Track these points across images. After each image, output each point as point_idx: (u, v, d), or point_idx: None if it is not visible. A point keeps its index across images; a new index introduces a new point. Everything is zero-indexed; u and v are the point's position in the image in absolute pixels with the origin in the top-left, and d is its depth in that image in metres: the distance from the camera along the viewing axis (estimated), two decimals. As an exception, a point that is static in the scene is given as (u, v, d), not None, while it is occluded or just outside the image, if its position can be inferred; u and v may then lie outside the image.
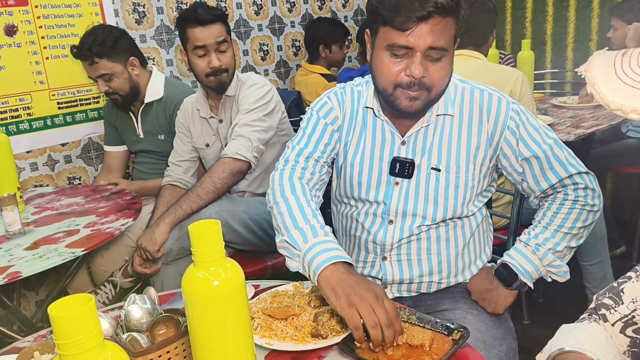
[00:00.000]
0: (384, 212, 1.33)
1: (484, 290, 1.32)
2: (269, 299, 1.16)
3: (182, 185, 2.18)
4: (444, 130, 1.30)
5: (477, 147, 1.29)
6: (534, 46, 3.48)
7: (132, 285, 2.06)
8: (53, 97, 2.47)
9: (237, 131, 1.97)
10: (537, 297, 2.59)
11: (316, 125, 1.36)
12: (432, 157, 1.29)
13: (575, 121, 2.51)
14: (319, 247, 1.09)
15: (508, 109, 1.28)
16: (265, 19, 3.20)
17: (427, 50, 1.15)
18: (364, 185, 1.34)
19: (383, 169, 1.32)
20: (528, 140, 1.27)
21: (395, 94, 1.20)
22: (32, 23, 2.37)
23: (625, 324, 0.85)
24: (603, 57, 0.56)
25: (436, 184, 1.30)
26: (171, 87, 2.29)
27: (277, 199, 1.24)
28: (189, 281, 0.74)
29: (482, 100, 1.29)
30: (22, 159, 2.41)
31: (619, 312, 0.87)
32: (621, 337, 0.86)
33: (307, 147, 1.33)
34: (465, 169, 1.29)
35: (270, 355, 1.02)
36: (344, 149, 1.37)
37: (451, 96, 1.30)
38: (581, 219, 1.28)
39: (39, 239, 1.67)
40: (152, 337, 0.87)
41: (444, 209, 1.30)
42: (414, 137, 1.30)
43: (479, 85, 1.32)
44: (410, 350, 0.98)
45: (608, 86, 0.52)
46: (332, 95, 1.39)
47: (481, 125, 1.29)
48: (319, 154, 1.33)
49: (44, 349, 0.89)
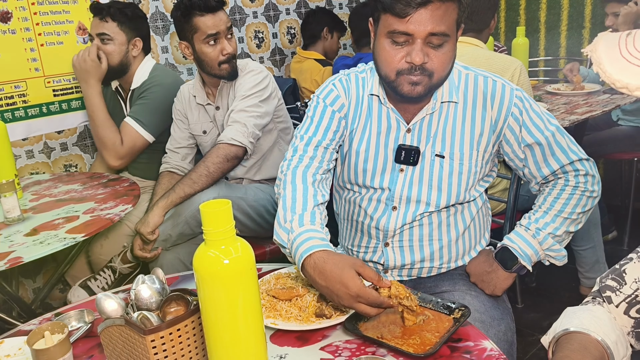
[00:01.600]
0: (388, 198, 1.35)
1: (483, 272, 1.34)
2: (273, 281, 1.18)
3: (179, 171, 2.18)
4: (449, 117, 1.31)
5: (481, 134, 1.30)
6: (527, 33, 3.49)
7: (130, 270, 2.07)
8: (48, 84, 2.46)
9: (233, 117, 1.98)
10: (530, 282, 2.63)
11: (324, 112, 1.36)
12: (436, 144, 1.31)
13: (569, 107, 2.54)
14: (302, 237, 1.12)
15: (512, 96, 1.29)
16: (260, 6, 3.19)
17: (427, 36, 1.16)
18: (369, 172, 1.36)
19: (388, 156, 1.33)
20: (531, 127, 1.29)
21: (398, 80, 1.21)
22: (26, 9, 2.34)
23: (629, 305, 0.88)
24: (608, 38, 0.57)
25: (440, 171, 1.31)
26: (155, 73, 2.26)
27: (280, 190, 1.27)
28: (200, 259, 0.75)
29: (487, 87, 1.30)
30: (18, 147, 2.40)
31: (623, 292, 0.89)
32: (625, 318, 0.89)
33: (315, 135, 1.33)
34: (469, 156, 1.31)
35: (275, 335, 1.04)
36: (349, 136, 1.38)
37: (455, 83, 1.31)
38: (581, 204, 1.30)
39: (38, 225, 1.67)
40: (162, 316, 0.88)
41: (448, 195, 1.32)
42: (419, 124, 1.31)
43: (482, 72, 1.33)
44: (413, 329, 1.01)
45: (614, 65, 0.54)
46: (337, 82, 1.39)
47: (485, 112, 1.30)
48: (327, 142, 1.34)
49: (54, 329, 0.90)
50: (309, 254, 1.07)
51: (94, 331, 1.10)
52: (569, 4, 3.40)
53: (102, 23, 2.16)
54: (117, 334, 0.89)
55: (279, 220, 1.20)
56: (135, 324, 0.84)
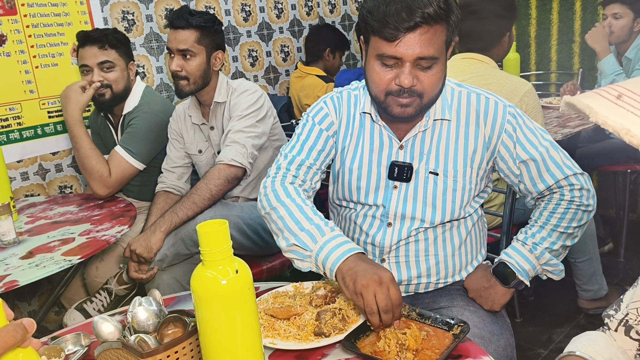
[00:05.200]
0: (382, 215, 1.35)
1: (481, 288, 1.34)
2: (271, 300, 1.17)
3: (176, 191, 2.18)
4: (442, 134, 1.31)
5: (474, 151, 1.31)
6: (518, 48, 3.53)
7: (127, 292, 2.05)
8: (43, 106, 2.46)
9: (231, 137, 1.98)
10: (529, 295, 2.62)
11: (311, 131, 1.37)
12: (430, 161, 1.31)
13: (561, 121, 2.56)
14: (329, 245, 1.13)
15: (505, 113, 1.30)
16: (253, 25, 3.22)
17: (416, 60, 1.17)
18: (363, 190, 1.36)
19: (382, 173, 1.34)
20: (525, 143, 1.29)
21: (387, 101, 1.22)
22: (21, 32, 2.36)
23: (625, 327, 0.91)
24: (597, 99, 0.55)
25: (434, 188, 1.31)
26: (145, 100, 2.25)
27: (273, 205, 1.26)
28: (197, 280, 0.75)
29: (479, 104, 1.31)
30: (12, 169, 2.40)
31: (616, 318, 0.92)
32: (628, 341, 0.91)
33: (299, 154, 1.34)
34: (462, 173, 1.31)
35: (274, 354, 1.03)
36: (341, 154, 1.38)
37: (448, 101, 1.32)
38: (576, 218, 1.31)
39: (34, 247, 1.66)
40: (160, 338, 0.88)
41: (442, 212, 1.32)
42: (411, 141, 1.32)
43: (475, 90, 1.34)
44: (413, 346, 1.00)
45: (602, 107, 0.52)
46: (329, 100, 1.40)
47: (478, 129, 1.30)
48: (311, 161, 1.34)
49: (51, 354, 0.89)
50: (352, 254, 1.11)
51: (90, 354, 1.09)
52: (558, 19, 3.45)
53: (103, 51, 2.13)
54: (115, 357, 0.88)
55: (291, 229, 1.19)
56: (133, 347, 0.83)
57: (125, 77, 2.20)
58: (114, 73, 2.17)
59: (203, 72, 2.01)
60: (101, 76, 2.14)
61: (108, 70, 2.15)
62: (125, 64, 2.20)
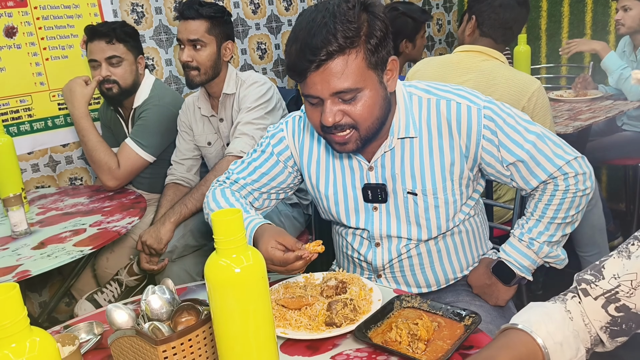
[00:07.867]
0: (369, 236, 1.33)
1: (483, 285, 1.33)
2: (282, 290, 1.18)
3: (185, 183, 2.19)
4: (414, 152, 1.23)
5: (452, 164, 1.22)
6: (529, 41, 3.50)
7: (137, 283, 2.07)
8: (53, 97, 2.48)
9: (240, 129, 1.98)
10: (537, 289, 2.61)
11: (263, 152, 1.37)
12: (406, 181, 1.24)
13: (572, 114, 2.54)
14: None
15: (480, 117, 1.19)
16: (262, 18, 3.21)
17: (333, 95, 1.10)
18: (343, 214, 1.33)
19: (358, 196, 1.30)
20: (510, 145, 1.20)
21: (327, 137, 1.19)
22: (31, 24, 2.37)
23: (607, 300, 0.84)
24: None
25: (415, 208, 1.26)
26: (155, 92, 2.25)
27: (211, 207, 1.34)
28: (211, 268, 0.75)
29: (450, 112, 1.20)
30: (23, 161, 2.41)
31: (600, 286, 0.85)
32: (601, 313, 0.85)
33: (248, 176, 1.37)
34: (442, 188, 1.23)
35: (285, 344, 1.03)
36: (309, 179, 1.35)
37: (414, 115, 1.23)
38: (574, 206, 1.25)
39: (45, 238, 1.68)
40: (173, 326, 0.88)
41: (428, 229, 1.28)
42: (380, 161, 1.26)
43: (445, 94, 1.23)
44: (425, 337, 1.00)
45: None
46: (291, 121, 1.36)
47: (452, 140, 1.21)
48: (260, 185, 1.37)
49: (65, 341, 0.90)
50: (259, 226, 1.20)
51: (103, 343, 1.10)
52: (569, 12, 3.42)
53: (111, 45, 2.13)
54: (128, 345, 0.89)
55: None
56: (147, 334, 0.84)
57: (134, 71, 2.20)
58: (122, 68, 2.16)
59: (214, 62, 2.01)
60: (109, 71, 2.14)
61: (116, 64, 2.15)
62: (134, 57, 2.20)
